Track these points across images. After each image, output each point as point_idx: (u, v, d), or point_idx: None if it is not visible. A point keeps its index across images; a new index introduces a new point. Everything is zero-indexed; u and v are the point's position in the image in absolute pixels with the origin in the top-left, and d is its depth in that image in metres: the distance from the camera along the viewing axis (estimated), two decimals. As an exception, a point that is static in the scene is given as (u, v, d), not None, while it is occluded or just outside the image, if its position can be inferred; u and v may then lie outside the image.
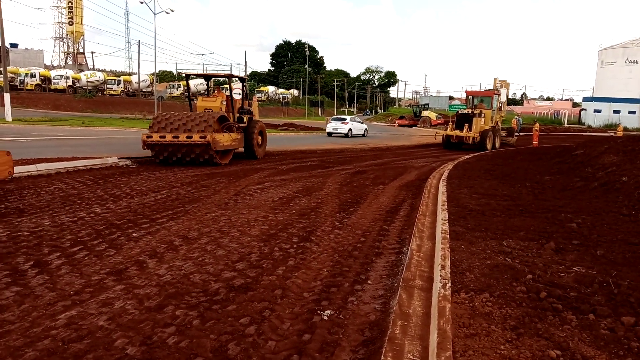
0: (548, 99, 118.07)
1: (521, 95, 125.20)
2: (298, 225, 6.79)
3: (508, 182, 10.53)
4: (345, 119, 35.48)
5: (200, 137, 12.85)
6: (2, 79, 31.22)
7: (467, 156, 19.05)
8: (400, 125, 60.40)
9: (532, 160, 16.63)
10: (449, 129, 25.06)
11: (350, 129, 33.68)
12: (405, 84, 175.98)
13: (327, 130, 34.43)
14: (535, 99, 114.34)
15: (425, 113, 61.16)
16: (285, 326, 3.62)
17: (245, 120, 15.68)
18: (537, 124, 34.10)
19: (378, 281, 4.66)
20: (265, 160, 15.80)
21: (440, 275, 4.18)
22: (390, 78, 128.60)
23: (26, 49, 78.36)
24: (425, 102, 77.49)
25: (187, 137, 12.90)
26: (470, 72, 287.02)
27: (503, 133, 27.83)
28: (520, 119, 48.12)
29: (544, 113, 78.97)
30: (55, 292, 4.06)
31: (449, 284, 4.00)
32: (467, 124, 23.55)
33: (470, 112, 24.27)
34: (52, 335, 3.32)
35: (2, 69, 32.38)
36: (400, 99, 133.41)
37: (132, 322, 3.57)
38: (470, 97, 26.99)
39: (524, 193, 9.01)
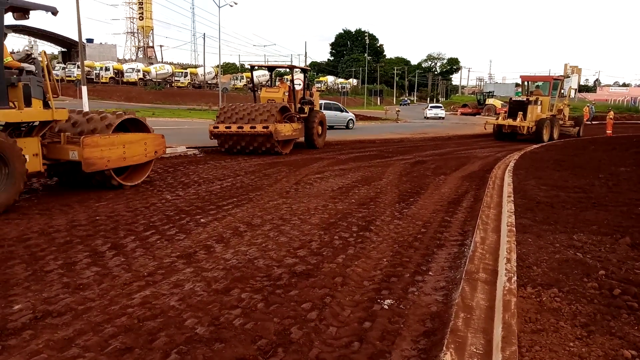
0: (624, 85, 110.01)
1: (594, 82, 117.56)
2: (357, 214, 6.81)
3: (579, 174, 9.99)
4: (440, 107, 50.59)
5: (263, 127, 13.16)
6: (80, 73, 33.35)
7: (535, 146, 18.24)
8: (463, 114, 58.61)
9: (606, 150, 15.67)
10: (500, 117, 22.87)
11: (444, 113, 48.15)
12: (468, 71, 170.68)
13: (427, 115, 47.15)
14: (609, 86, 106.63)
15: (489, 101, 58.81)
16: (346, 313, 3.67)
17: (306, 111, 15.85)
18: (612, 112, 31.83)
19: (440, 273, 4.60)
20: (325, 150, 15.91)
21: (506, 269, 4.07)
22: (453, 65, 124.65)
23: (101, 43, 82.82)
24: (489, 90, 74.63)
25: (251, 127, 13.26)
26: (539, 57, 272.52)
27: (569, 122, 25.31)
28: (593, 106, 45.31)
29: (619, 100, 73.78)
30: (131, 273, 4.34)
31: (515, 278, 3.90)
32: (522, 113, 21.37)
33: (525, 100, 22.10)
34: (129, 313, 3.56)
35: (80, 63, 34.55)
36: (463, 87, 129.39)
37: (201, 303, 3.75)
38: (525, 82, 24.53)
39: (597, 185, 8.53)
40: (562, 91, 24.85)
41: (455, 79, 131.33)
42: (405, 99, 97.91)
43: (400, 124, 37.27)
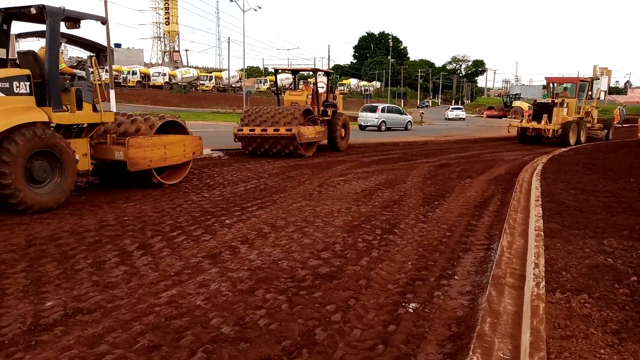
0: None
1: (625, 84, 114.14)
2: (381, 217, 6.78)
3: (610, 178, 9.75)
4: (461, 108, 55.49)
5: (287, 129, 13.24)
6: (108, 77, 34.17)
7: (563, 149, 17.87)
8: (488, 117, 57.82)
9: (637, 154, 15.23)
10: (524, 120, 22.01)
11: (465, 114, 50.96)
12: (494, 73, 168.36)
13: (449, 116, 49.36)
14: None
15: (516, 103, 57.71)
16: (370, 316, 3.66)
17: (329, 113, 15.87)
18: (645, 115, 30.92)
19: (465, 277, 4.55)
20: (348, 153, 15.90)
21: (534, 274, 4.00)
22: (478, 67, 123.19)
23: (128, 48, 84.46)
24: (516, 92, 73.42)
25: (274, 130, 13.34)
26: (567, 58, 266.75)
27: (598, 125, 24.45)
28: (624, 109, 44.13)
29: (652, 102, 71.70)
30: (158, 273, 4.41)
31: (543, 283, 3.82)
32: (546, 115, 20.49)
33: (550, 102, 21.25)
34: (156, 311, 3.62)
35: (108, 67, 35.36)
36: (488, 89, 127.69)
37: (227, 303, 3.79)
38: (550, 84, 23.68)
39: (628, 189, 8.30)
40: (590, 93, 24.03)
41: (481, 81, 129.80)
42: (425, 102, 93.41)
43: (424, 127, 36.99)
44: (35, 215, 6.33)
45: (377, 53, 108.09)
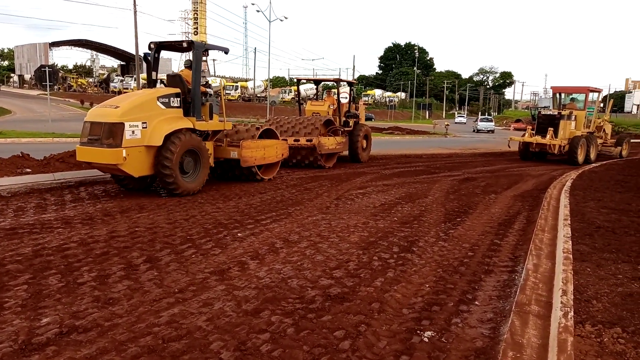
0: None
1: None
2: (399, 234, 6.51)
3: (644, 196, 9.25)
4: (463, 115, 62.49)
5: (307, 140, 13.07)
6: (136, 86, 34.78)
7: (594, 165, 17.24)
8: (516, 129, 56.73)
9: (674, 170, 14.54)
10: (527, 134, 19.29)
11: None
12: (522, 85, 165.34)
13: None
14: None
15: (544, 116, 56.59)
16: (382, 344, 3.40)
17: (351, 124, 15.66)
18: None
19: (487, 303, 4.24)
20: (369, 164, 15.63)
21: (561, 302, 3.68)
22: (506, 79, 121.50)
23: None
24: (544, 104, 71.90)
25: (295, 140, 13.19)
26: (598, 71, 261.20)
27: (611, 141, 21.89)
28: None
29: (689, 117, 69.22)
30: (162, 289, 4.24)
31: (572, 313, 3.51)
32: (552, 129, 18.18)
33: (556, 114, 18.85)
34: (154, 332, 3.44)
35: (136, 75, 36.04)
36: (516, 101, 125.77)
37: (229, 325, 3.59)
38: (557, 94, 20.64)
39: (665, 209, 7.82)
40: (602, 105, 21.76)
41: (509, 93, 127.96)
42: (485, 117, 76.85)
43: (449, 139, 36.44)
44: (47, 224, 6.27)
45: (403, 64, 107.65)
